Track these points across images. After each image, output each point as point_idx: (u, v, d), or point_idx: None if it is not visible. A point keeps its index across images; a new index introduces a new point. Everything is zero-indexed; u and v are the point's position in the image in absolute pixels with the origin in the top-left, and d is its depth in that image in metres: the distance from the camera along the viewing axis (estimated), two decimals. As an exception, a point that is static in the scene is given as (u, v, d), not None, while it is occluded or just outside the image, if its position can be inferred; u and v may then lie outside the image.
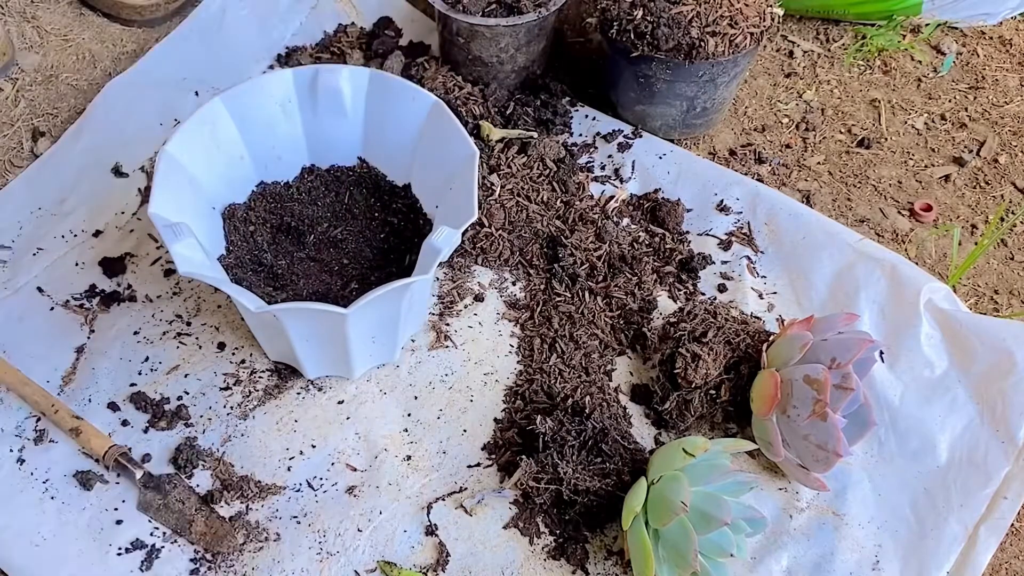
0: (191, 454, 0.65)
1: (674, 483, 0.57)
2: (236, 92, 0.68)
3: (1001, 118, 0.91)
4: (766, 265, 0.78)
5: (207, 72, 0.88)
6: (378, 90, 0.70)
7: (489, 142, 0.82)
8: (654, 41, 0.77)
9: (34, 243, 0.76)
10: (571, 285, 0.75)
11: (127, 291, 0.74)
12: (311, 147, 0.74)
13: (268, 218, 0.73)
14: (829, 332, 0.64)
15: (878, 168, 0.87)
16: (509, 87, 0.87)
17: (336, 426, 0.67)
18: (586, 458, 0.62)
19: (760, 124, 0.90)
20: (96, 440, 0.64)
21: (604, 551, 0.62)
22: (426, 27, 0.94)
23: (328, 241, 0.73)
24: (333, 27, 0.94)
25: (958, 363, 0.70)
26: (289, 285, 0.69)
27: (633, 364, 0.72)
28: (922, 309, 0.72)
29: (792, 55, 0.96)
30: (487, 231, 0.77)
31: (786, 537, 0.63)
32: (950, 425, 0.68)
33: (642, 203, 0.82)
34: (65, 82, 0.88)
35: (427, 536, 0.63)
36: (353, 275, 0.71)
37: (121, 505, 0.63)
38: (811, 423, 0.61)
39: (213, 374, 0.70)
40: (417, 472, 0.65)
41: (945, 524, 0.63)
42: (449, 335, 0.73)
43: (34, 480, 0.63)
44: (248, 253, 0.70)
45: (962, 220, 0.84)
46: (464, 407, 0.69)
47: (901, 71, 0.95)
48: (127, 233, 0.78)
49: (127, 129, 0.83)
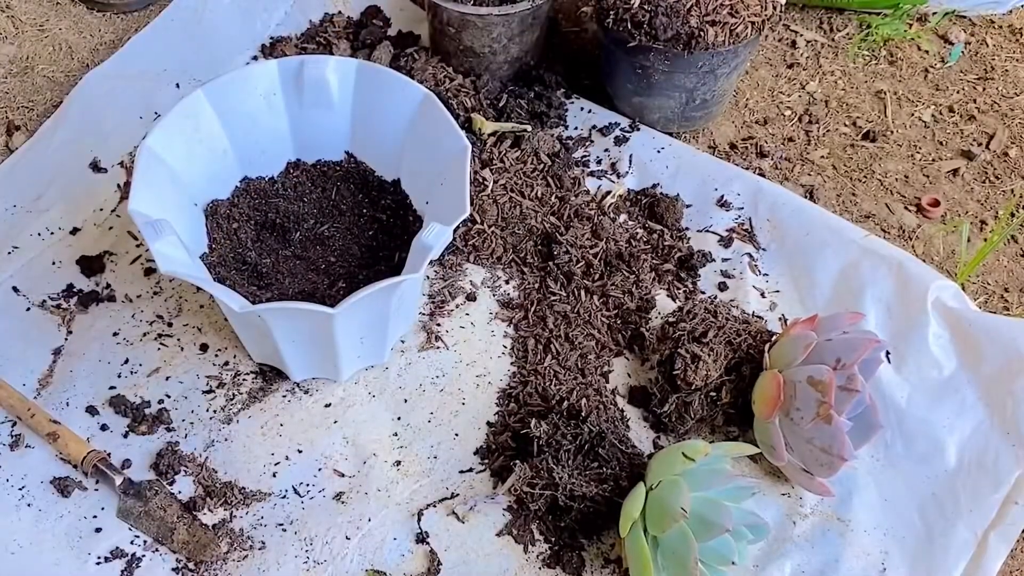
0: (173, 459, 0.63)
1: (673, 488, 0.55)
2: (218, 84, 0.66)
3: (1011, 110, 0.89)
4: (768, 262, 0.76)
5: (188, 63, 0.86)
6: (366, 82, 0.68)
7: (481, 136, 0.80)
8: (652, 31, 0.75)
9: (9, 241, 0.74)
10: (566, 284, 0.74)
11: (106, 291, 0.72)
12: (297, 141, 0.72)
13: (252, 215, 0.71)
14: (833, 332, 0.62)
15: (884, 162, 0.85)
16: (502, 78, 0.85)
17: (323, 430, 0.66)
18: (582, 463, 0.61)
19: (762, 117, 0.88)
20: (74, 445, 0.62)
21: (601, 559, 0.61)
22: (416, 16, 0.92)
23: (315, 239, 0.71)
24: (319, 16, 0.92)
25: (967, 363, 0.68)
26: (274, 284, 0.67)
27: (631, 365, 0.71)
28: (930, 308, 0.70)
29: (795, 45, 0.94)
30: (479, 228, 0.75)
31: (789, 544, 0.62)
32: (959, 428, 0.66)
33: (640, 199, 0.80)
34: (41, 74, 0.86)
35: (418, 544, 0.61)
36: (340, 274, 0.69)
37: (100, 513, 0.61)
38: (815, 426, 0.59)
39: (195, 377, 0.68)
40: (407, 478, 0.64)
41: (954, 530, 0.62)
42: (440, 336, 0.71)
43: (10, 487, 0.62)
44: (231, 251, 0.68)
45: (971, 216, 0.82)
46: (456, 410, 0.67)
47: (907, 61, 0.93)
48: (106, 230, 0.76)
49: (105, 123, 0.81)
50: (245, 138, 0.69)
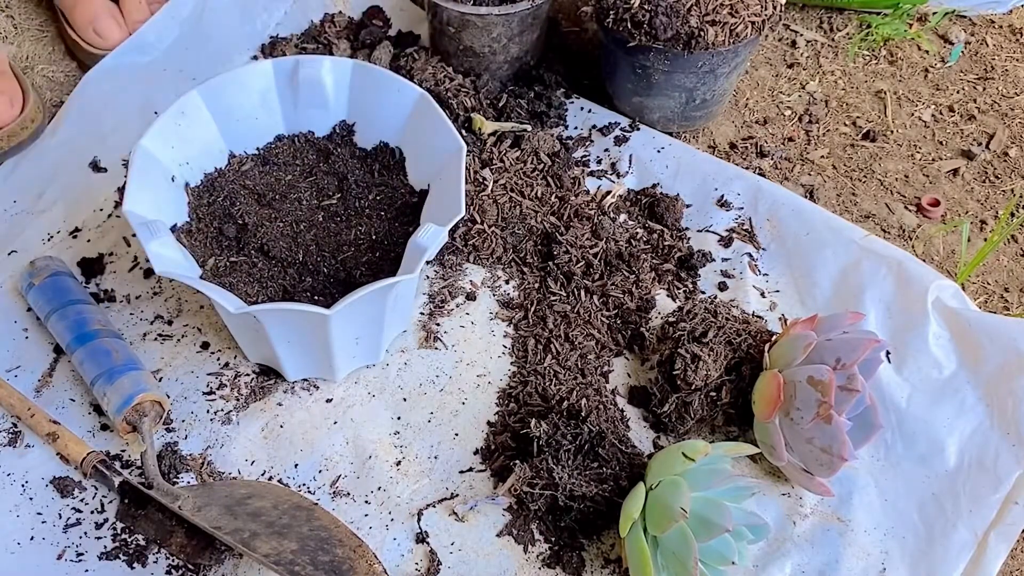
0: (173, 460, 0.63)
1: (673, 488, 0.55)
2: (213, 84, 0.66)
3: (1011, 110, 0.89)
4: (768, 262, 0.76)
5: (188, 63, 0.86)
6: (361, 82, 0.68)
7: (481, 135, 0.80)
8: (652, 30, 0.75)
9: (9, 242, 0.74)
10: (566, 283, 0.74)
11: (106, 292, 0.72)
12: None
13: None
14: (834, 332, 0.62)
15: (884, 162, 0.85)
16: (502, 78, 0.85)
17: (323, 431, 0.66)
18: (582, 463, 0.61)
19: (762, 116, 0.88)
20: (74, 446, 0.62)
21: (601, 559, 0.61)
22: (416, 16, 0.92)
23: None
24: (319, 16, 0.92)
25: (967, 363, 0.68)
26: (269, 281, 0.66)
27: (631, 365, 0.71)
28: (930, 308, 0.70)
29: (795, 45, 0.94)
30: (479, 228, 0.75)
31: (789, 544, 0.62)
32: (959, 428, 0.66)
33: (640, 198, 0.80)
34: (41, 74, 0.86)
35: (418, 544, 0.61)
36: (341, 278, 0.68)
37: (100, 513, 0.61)
38: (815, 426, 0.59)
39: (196, 377, 0.68)
40: (407, 478, 0.64)
41: (954, 530, 0.62)
42: (440, 336, 0.71)
43: (10, 486, 0.61)
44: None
45: (971, 215, 0.82)
46: (456, 410, 0.67)
47: (907, 61, 0.93)
48: (107, 231, 0.76)
49: (105, 122, 0.81)
50: (242, 138, 0.69)
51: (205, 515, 0.56)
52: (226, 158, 0.69)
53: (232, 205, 0.66)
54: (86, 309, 0.67)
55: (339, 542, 0.56)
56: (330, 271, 0.66)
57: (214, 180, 0.67)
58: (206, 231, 0.65)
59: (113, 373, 0.63)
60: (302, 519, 0.57)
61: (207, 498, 0.58)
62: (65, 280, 0.69)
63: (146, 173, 0.61)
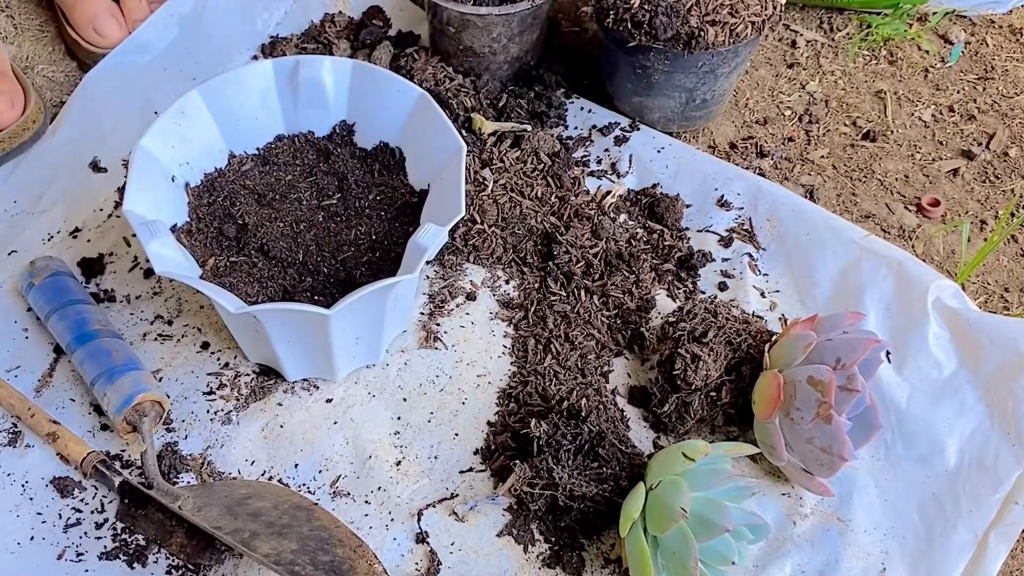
0: (173, 460, 0.63)
1: (673, 488, 0.55)
2: (213, 84, 0.66)
3: (1011, 110, 0.89)
4: (768, 262, 0.76)
5: (188, 62, 0.86)
6: (361, 82, 0.68)
7: (481, 135, 0.80)
8: (652, 30, 0.75)
9: (9, 243, 0.74)
10: (566, 284, 0.73)
11: (106, 291, 0.72)
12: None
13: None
14: (834, 332, 0.62)
15: (884, 162, 0.85)
16: (502, 78, 0.85)
17: (323, 431, 0.65)
18: (582, 463, 0.60)
19: (762, 116, 0.88)
20: (74, 446, 0.62)
21: (601, 559, 0.61)
22: (416, 16, 0.92)
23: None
24: (319, 16, 0.92)
25: (967, 363, 0.68)
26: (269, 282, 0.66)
27: (631, 365, 0.71)
28: (930, 308, 0.70)
29: (795, 45, 0.94)
30: (479, 228, 0.75)
31: (789, 544, 0.62)
32: (959, 428, 0.66)
33: (640, 198, 0.80)
34: (41, 74, 0.86)
35: (418, 544, 0.61)
36: (340, 278, 0.68)
37: (100, 513, 0.61)
38: (815, 426, 0.59)
39: (196, 377, 0.67)
40: (407, 478, 0.64)
41: (954, 530, 0.62)
42: (440, 336, 0.71)
43: (10, 486, 0.61)
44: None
45: (971, 215, 0.82)
46: (456, 410, 0.67)
47: (908, 61, 0.93)
48: (107, 231, 0.76)
49: (105, 122, 0.81)
50: (242, 138, 0.69)
51: (205, 515, 0.56)
52: (226, 158, 0.69)
53: (232, 205, 0.66)
54: (86, 309, 0.67)
55: (339, 542, 0.56)
56: (330, 271, 0.66)
57: (214, 180, 0.67)
58: (206, 231, 0.65)
59: (113, 373, 0.63)
60: (302, 519, 0.57)
61: (207, 498, 0.58)
62: (65, 280, 0.69)
63: (146, 173, 0.61)
